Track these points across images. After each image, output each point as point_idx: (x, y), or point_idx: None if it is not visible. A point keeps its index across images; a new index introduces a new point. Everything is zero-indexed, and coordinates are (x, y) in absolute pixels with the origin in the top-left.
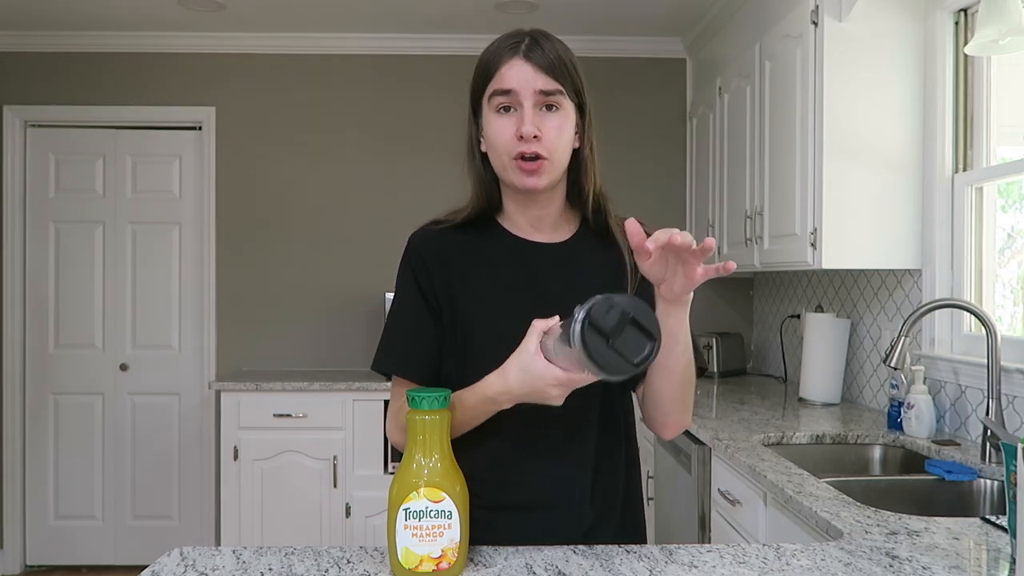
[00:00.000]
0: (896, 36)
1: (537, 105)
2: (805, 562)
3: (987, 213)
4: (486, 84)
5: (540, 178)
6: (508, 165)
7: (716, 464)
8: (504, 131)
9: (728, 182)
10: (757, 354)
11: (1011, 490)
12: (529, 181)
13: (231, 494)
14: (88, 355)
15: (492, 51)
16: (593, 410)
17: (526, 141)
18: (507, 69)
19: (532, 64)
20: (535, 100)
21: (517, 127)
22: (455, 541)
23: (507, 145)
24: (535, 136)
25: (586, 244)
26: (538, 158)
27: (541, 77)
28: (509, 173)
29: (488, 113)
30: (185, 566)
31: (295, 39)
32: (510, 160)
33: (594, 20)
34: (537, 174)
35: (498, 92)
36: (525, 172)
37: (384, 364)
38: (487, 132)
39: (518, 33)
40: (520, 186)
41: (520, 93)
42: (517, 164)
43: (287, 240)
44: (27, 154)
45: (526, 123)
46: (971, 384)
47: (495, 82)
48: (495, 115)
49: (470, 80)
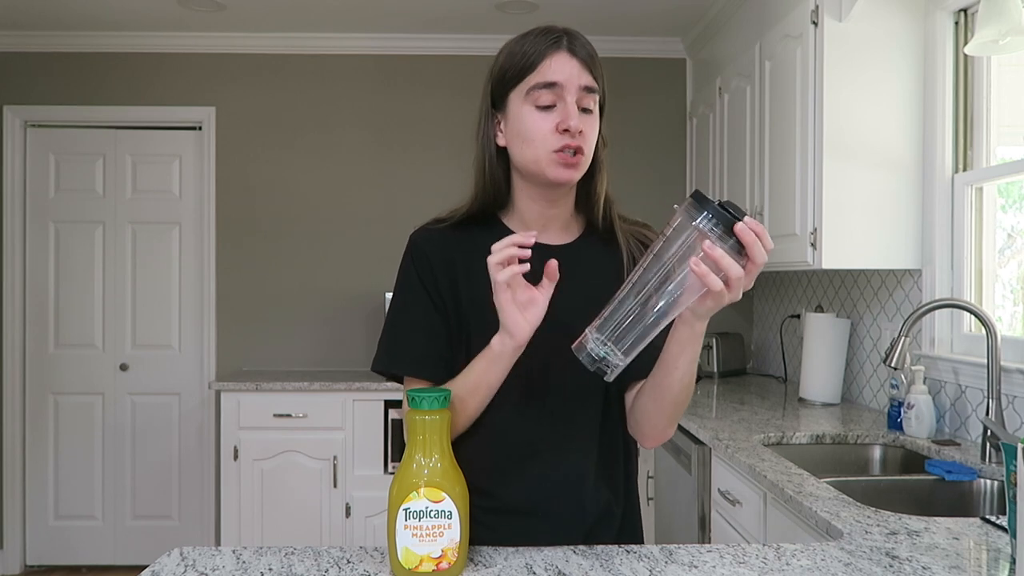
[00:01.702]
0: (896, 36)
1: (579, 102)
2: (805, 562)
3: (987, 213)
4: (522, 77)
5: (576, 172)
6: (546, 158)
7: (716, 464)
8: (544, 125)
9: (728, 182)
10: (757, 354)
11: (1011, 490)
12: (566, 174)
13: (231, 494)
14: (88, 355)
15: (530, 44)
16: (592, 415)
17: (571, 134)
18: (552, 62)
19: (577, 59)
20: (578, 96)
21: (561, 120)
22: (455, 541)
23: (547, 139)
24: (580, 131)
25: (590, 248)
26: (576, 152)
27: (585, 74)
28: (544, 166)
29: (522, 106)
30: (185, 566)
31: (295, 39)
32: (550, 153)
33: (594, 20)
34: (575, 168)
35: (541, 85)
36: (564, 164)
37: (391, 364)
38: (520, 126)
39: (553, 28)
40: (554, 178)
41: (565, 87)
42: (559, 157)
43: (287, 240)
44: (27, 154)
45: (573, 117)
46: (971, 384)
47: (537, 75)
48: (532, 109)
49: (470, 80)
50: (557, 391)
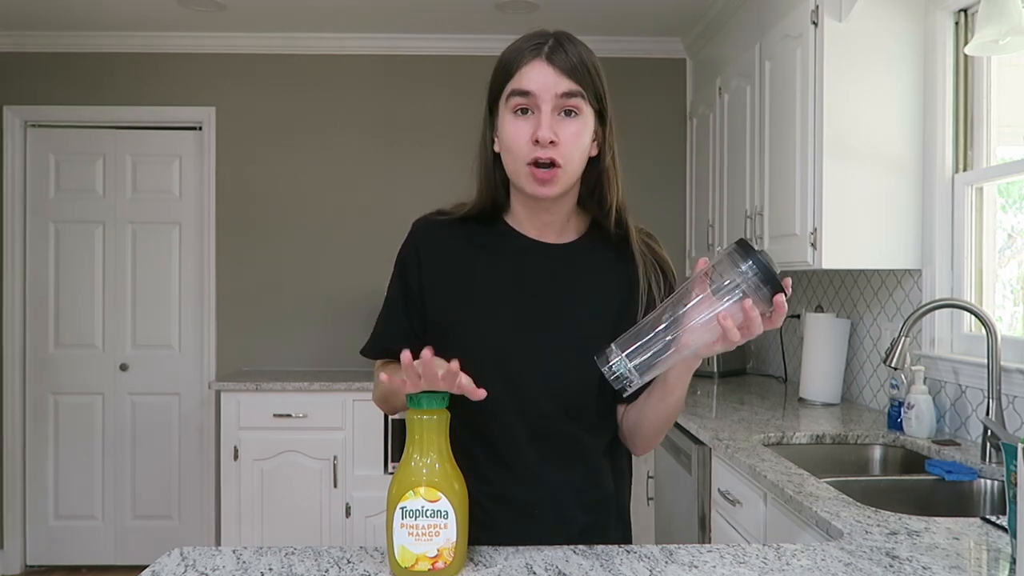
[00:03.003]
0: (896, 36)
1: (556, 110)
2: (805, 562)
3: (987, 213)
4: (505, 83)
5: (552, 187)
6: (521, 171)
7: (716, 464)
8: (520, 134)
9: (728, 182)
10: (757, 354)
11: (1011, 490)
12: (541, 191)
13: (231, 494)
14: (88, 355)
15: (513, 50)
16: (584, 419)
17: (542, 146)
18: (528, 70)
19: (554, 67)
20: (554, 104)
21: (534, 130)
22: (451, 541)
23: (522, 149)
24: (551, 141)
25: (592, 249)
26: (552, 165)
27: (563, 81)
28: (522, 179)
29: (504, 113)
30: (185, 566)
31: (295, 39)
32: (524, 167)
33: (594, 20)
34: (550, 184)
35: (516, 93)
36: (538, 181)
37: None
38: (502, 133)
39: (542, 34)
40: (531, 193)
41: (539, 96)
42: (531, 171)
43: (287, 240)
44: (27, 154)
45: (543, 127)
46: (971, 384)
47: (514, 82)
48: (511, 116)
49: (471, 80)
50: (551, 392)
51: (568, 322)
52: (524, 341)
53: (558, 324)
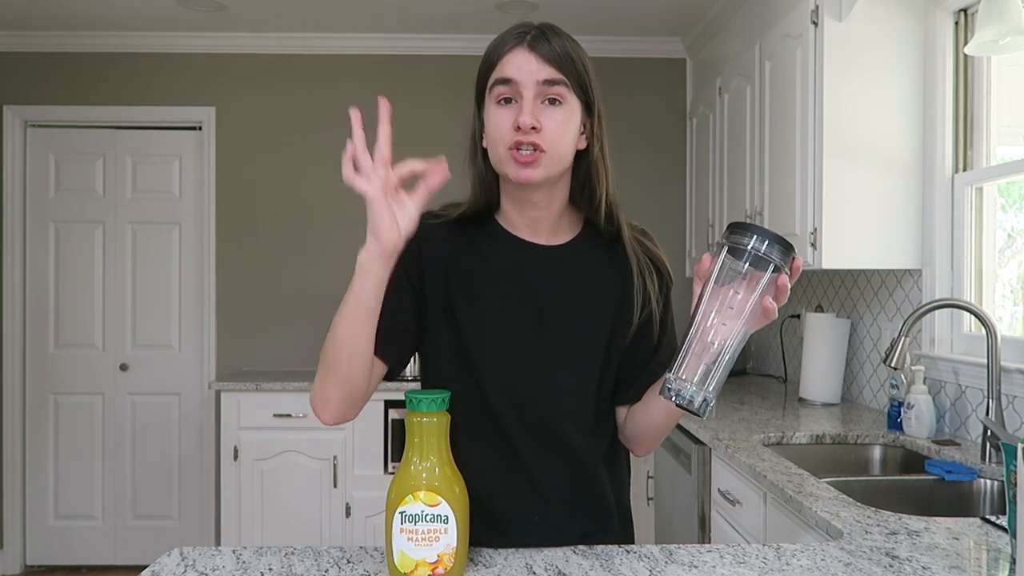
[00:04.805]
0: (896, 36)
1: (539, 97)
2: (805, 562)
3: (987, 213)
4: (488, 75)
5: (536, 170)
6: (504, 156)
7: (716, 464)
8: (503, 122)
9: (728, 182)
10: (757, 354)
11: (1011, 490)
12: (524, 173)
13: (231, 494)
14: (88, 355)
15: (497, 41)
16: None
17: (524, 132)
18: (510, 58)
19: (536, 55)
20: (536, 92)
21: (515, 117)
22: (451, 546)
23: (504, 136)
24: (533, 127)
25: (586, 250)
26: (535, 149)
27: (544, 68)
28: (504, 165)
29: (489, 104)
30: (185, 566)
31: (295, 39)
32: (506, 151)
33: (594, 20)
34: (533, 166)
35: (499, 81)
36: (520, 163)
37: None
38: (487, 124)
39: (525, 25)
40: (515, 178)
41: (521, 83)
42: (512, 155)
43: (287, 240)
44: (27, 154)
45: (524, 113)
46: (971, 384)
47: (497, 71)
48: (495, 106)
49: (471, 80)
50: (547, 396)
51: (562, 325)
52: (519, 344)
53: (552, 327)
